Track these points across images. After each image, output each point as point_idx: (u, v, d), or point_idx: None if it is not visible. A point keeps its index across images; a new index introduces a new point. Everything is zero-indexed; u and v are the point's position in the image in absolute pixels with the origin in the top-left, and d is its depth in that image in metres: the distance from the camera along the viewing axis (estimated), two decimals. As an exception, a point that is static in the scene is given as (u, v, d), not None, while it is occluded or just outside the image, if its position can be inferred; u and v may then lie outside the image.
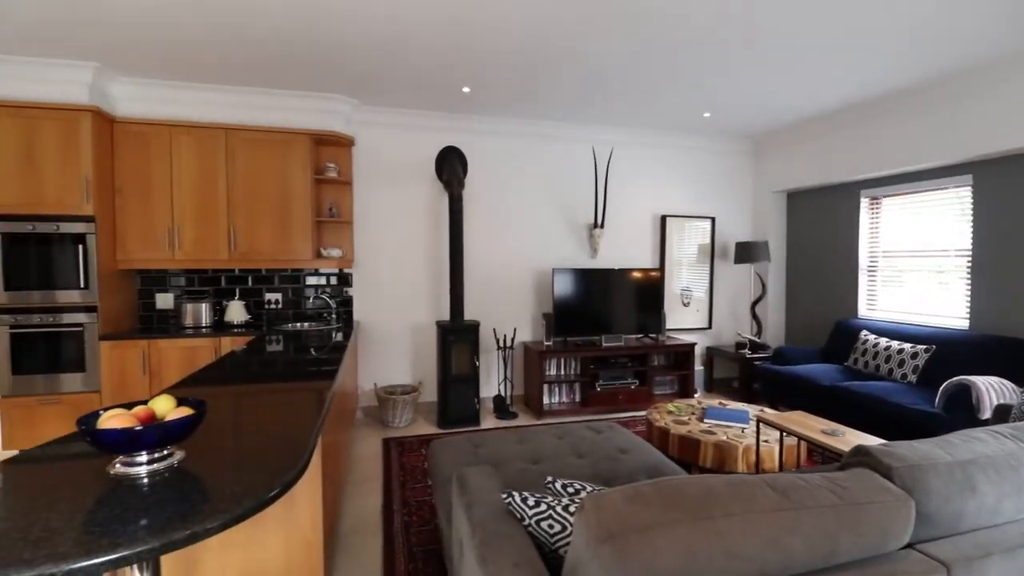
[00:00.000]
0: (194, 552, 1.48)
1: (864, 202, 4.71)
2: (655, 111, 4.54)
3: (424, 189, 4.68)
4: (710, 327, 5.57)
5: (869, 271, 4.71)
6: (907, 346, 3.92)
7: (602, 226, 5.05)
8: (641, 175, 5.29)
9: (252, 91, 3.92)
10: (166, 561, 1.38)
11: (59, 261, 3.50)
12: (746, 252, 5.14)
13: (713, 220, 5.51)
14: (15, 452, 3.42)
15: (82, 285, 3.53)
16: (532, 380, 4.68)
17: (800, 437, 2.58)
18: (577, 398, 4.81)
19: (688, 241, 5.45)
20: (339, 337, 3.60)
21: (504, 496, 1.39)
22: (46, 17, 2.82)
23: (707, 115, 4.64)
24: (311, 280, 4.46)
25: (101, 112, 3.58)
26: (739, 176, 5.65)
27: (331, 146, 4.33)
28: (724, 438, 2.92)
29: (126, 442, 1.13)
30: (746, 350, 5.07)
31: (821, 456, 3.43)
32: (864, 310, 4.75)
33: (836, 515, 1.06)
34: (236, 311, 4.08)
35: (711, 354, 5.46)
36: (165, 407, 1.24)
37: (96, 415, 1.19)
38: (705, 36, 3.04)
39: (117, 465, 1.19)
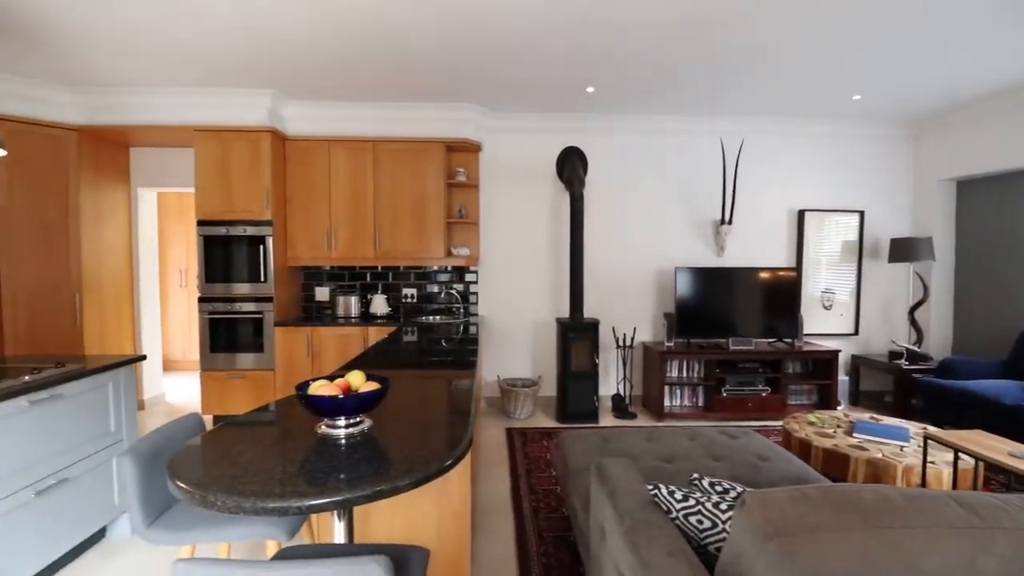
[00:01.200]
0: (369, 509, 1.71)
1: (1066, 190, 3.95)
2: (796, 97, 4.20)
3: (546, 189, 4.81)
4: (856, 333, 5.03)
5: (1072, 272, 3.94)
6: None
7: (730, 223, 4.79)
8: (775, 167, 4.93)
9: (395, 105, 4.32)
10: (355, 511, 1.62)
11: (244, 259, 4.17)
12: (904, 250, 4.56)
13: (861, 214, 4.96)
14: (210, 416, 4.17)
15: (261, 279, 4.17)
16: (652, 381, 4.60)
17: (980, 459, 2.26)
18: (700, 402, 4.63)
19: (830, 238, 4.97)
20: (468, 330, 3.85)
21: (650, 488, 1.43)
22: (238, 57, 3.39)
23: (857, 97, 4.20)
24: (440, 276, 4.81)
25: (276, 132, 4.19)
26: (894, 164, 5.02)
27: (461, 152, 4.64)
28: (879, 455, 2.65)
29: (332, 408, 1.36)
30: (903, 360, 4.50)
31: (1006, 485, 2.96)
32: (1064, 319, 3.99)
33: (1043, 541, 0.95)
34: (379, 304, 4.54)
35: (857, 363, 4.92)
36: (358, 381, 1.47)
37: (307, 384, 1.44)
38: (864, 9, 2.78)
39: (322, 427, 1.43)
